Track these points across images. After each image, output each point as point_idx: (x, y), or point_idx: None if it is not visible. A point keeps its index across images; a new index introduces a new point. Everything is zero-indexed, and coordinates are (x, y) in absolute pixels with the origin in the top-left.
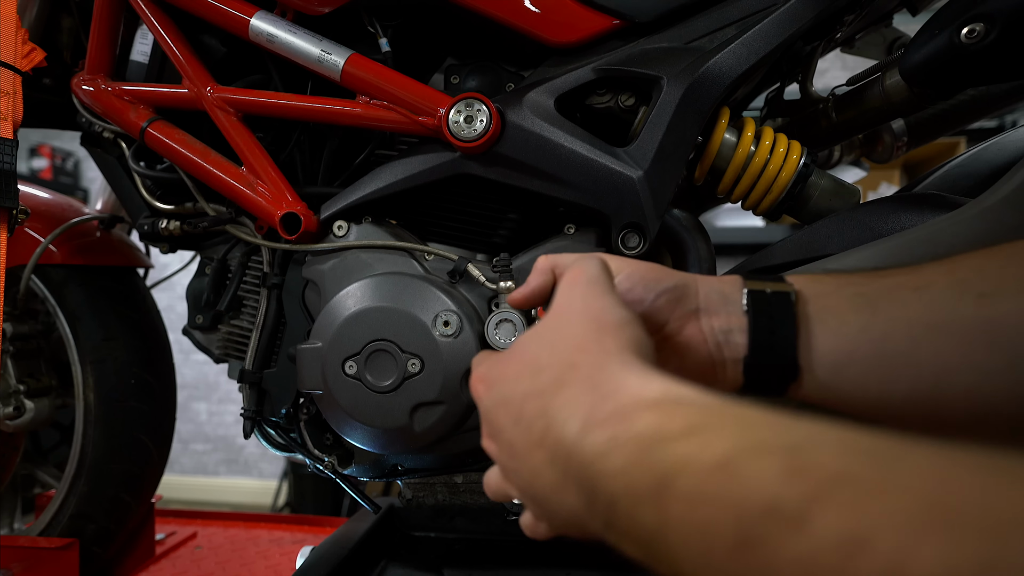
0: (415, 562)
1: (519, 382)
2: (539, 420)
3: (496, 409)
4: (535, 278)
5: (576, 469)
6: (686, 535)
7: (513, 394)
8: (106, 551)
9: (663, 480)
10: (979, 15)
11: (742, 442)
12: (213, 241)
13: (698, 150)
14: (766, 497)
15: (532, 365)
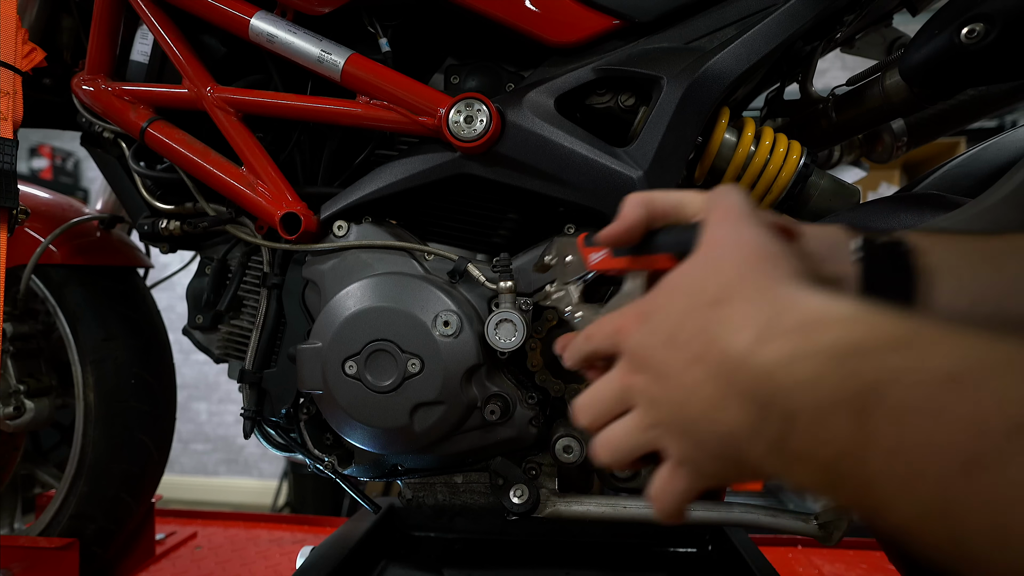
0: (415, 562)
1: (673, 305)
2: (699, 336)
3: (646, 339)
4: (631, 211)
5: (745, 382)
6: (893, 450)
7: (667, 318)
8: (106, 551)
9: (867, 392)
10: (979, 15)
11: (970, 358)
12: (213, 241)
13: (698, 150)
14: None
15: (689, 289)
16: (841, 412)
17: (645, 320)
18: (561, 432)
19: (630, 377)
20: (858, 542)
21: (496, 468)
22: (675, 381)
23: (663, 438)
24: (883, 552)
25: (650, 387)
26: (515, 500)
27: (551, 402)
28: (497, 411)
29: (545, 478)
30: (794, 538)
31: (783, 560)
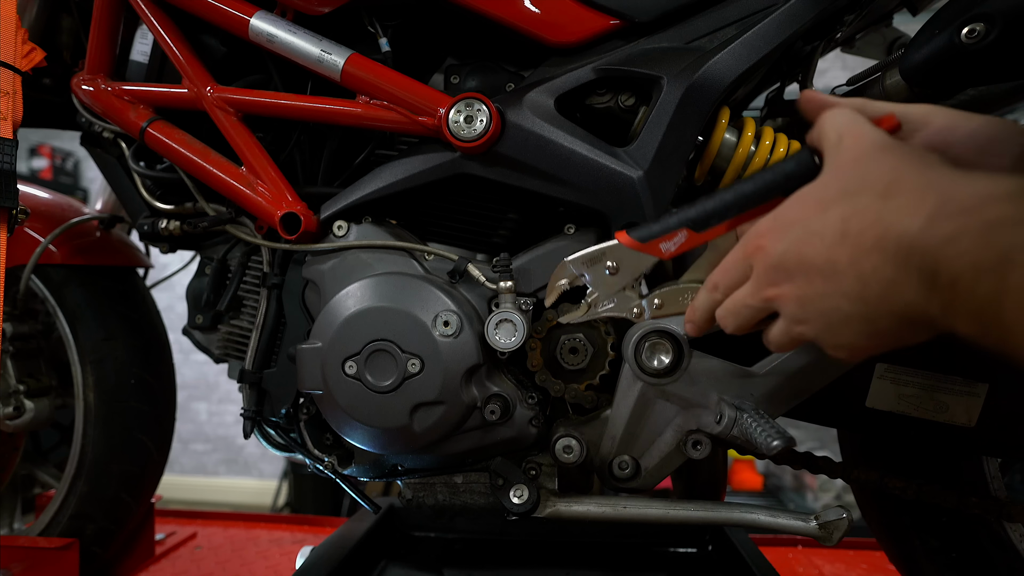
0: (415, 562)
1: (829, 211)
2: (871, 228)
3: (803, 243)
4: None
5: (919, 258)
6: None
7: (826, 222)
8: (106, 551)
9: (1007, 254)
10: (979, 15)
11: None
12: (213, 241)
13: (698, 150)
14: None
15: (841, 195)
16: (988, 273)
17: (786, 231)
18: (561, 432)
19: (774, 289)
20: (858, 542)
21: (496, 468)
22: (850, 272)
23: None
24: (883, 552)
25: (806, 288)
26: (515, 500)
27: (551, 402)
28: (497, 411)
29: (545, 478)
30: (794, 538)
31: (783, 560)
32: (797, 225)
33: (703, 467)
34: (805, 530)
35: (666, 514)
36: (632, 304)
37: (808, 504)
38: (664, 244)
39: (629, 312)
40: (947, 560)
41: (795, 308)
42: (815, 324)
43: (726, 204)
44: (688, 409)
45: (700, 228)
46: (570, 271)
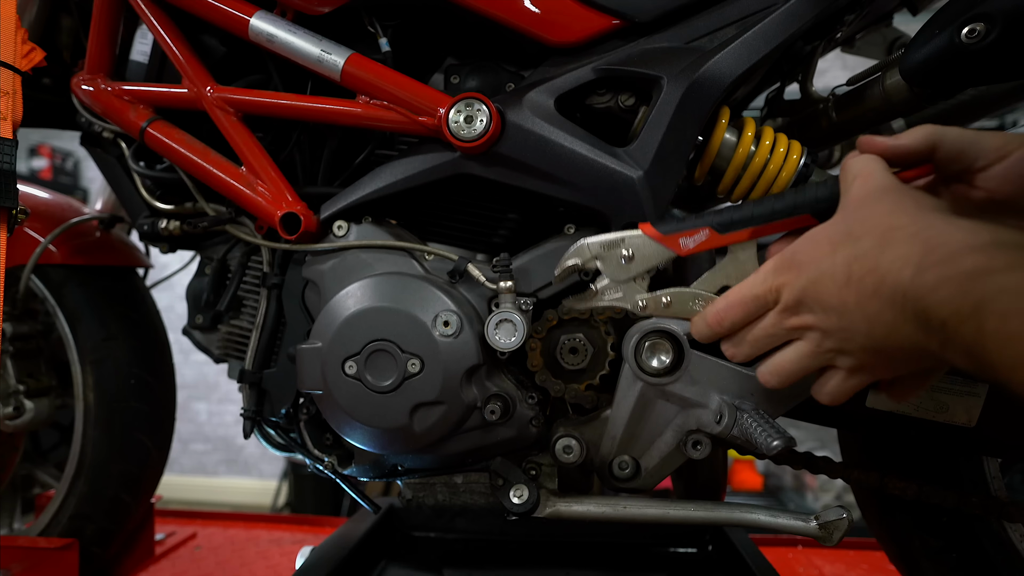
0: (415, 562)
1: (837, 253)
2: (870, 275)
3: (817, 283)
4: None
5: (912, 304)
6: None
7: (835, 264)
8: (106, 551)
9: (982, 302)
10: (979, 15)
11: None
12: (213, 241)
13: (698, 150)
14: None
15: (846, 237)
16: (968, 319)
17: (804, 269)
18: (561, 432)
19: (798, 319)
20: (858, 542)
21: (496, 468)
22: (858, 313)
23: (838, 357)
24: (883, 552)
25: (827, 322)
26: (515, 500)
27: (551, 402)
28: (497, 411)
29: (545, 478)
30: (794, 538)
31: (783, 560)
32: (812, 264)
33: (703, 467)
34: (805, 530)
35: (666, 514)
36: (638, 297)
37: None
38: (684, 240)
39: (634, 305)
40: (947, 560)
41: (819, 338)
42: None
43: (752, 213)
44: (688, 409)
45: (723, 231)
46: (586, 252)
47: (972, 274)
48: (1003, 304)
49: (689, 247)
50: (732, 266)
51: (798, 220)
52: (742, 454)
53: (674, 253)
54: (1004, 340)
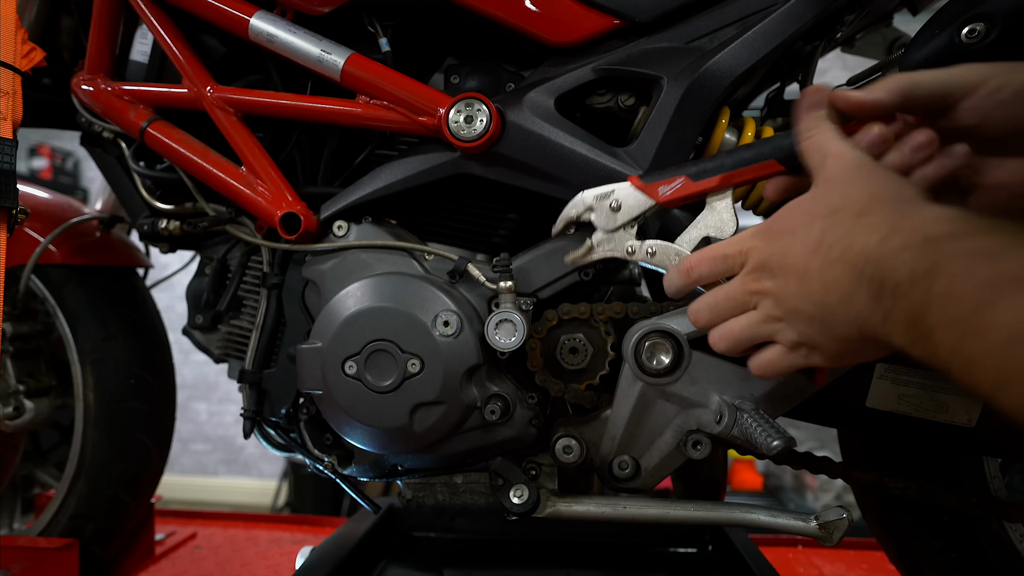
0: (415, 562)
1: (814, 223)
2: (840, 242)
3: (787, 248)
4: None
5: (871, 270)
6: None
7: (810, 231)
8: (106, 551)
9: (935, 263)
10: (979, 15)
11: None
12: (213, 241)
13: (698, 150)
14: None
15: (825, 208)
16: (921, 278)
17: (778, 237)
18: (561, 432)
19: (757, 284)
20: (858, 542)
21: (496, 468)
22: (817, 279)
23: (784, 330)
24: (883, 552)
25: (783, 288)
26: (515, 500)
27: (551, 402)
28: (497, 411)
29: (545, 478)
30: (794, 538)
31: (783, 560)
32: (787, 233)
33: (703, 467)
34: (805, 530)
35: (666, 514)
36: (627, 243)
37: (808, 504)
38: (663, 188)
39: (623, 250)
40: (947, 560)
41: (771, 305)
42: (783, 325)
43: (721, 161)
44: (688, 409)
45: (696, 178)
46: (582, 204)
47: (934, 238)
48: (954, 266)
49: (667, 194)
50: (710, 216)
51: (765, 166)
52: (742, 454)
53: (654, 201)
54: (947, 299)
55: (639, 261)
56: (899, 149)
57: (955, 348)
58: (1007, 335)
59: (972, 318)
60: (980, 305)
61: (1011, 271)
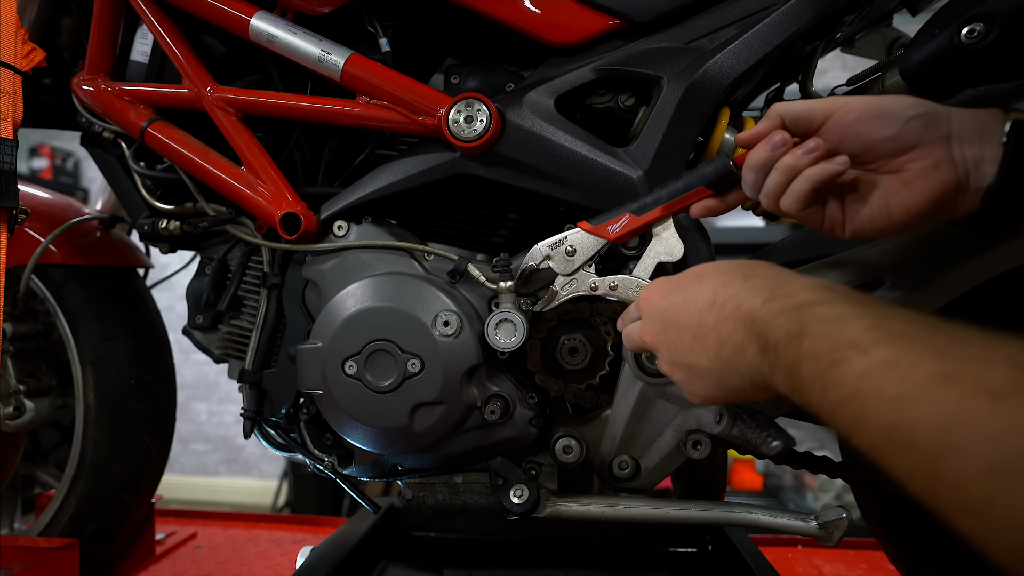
0: (415, 562)
1: (704, 279)
2: (731, 300)
3: (679, 306)
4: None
5: (758, 327)
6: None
7: (701, 290)
8: (106, 551)
9: (802, 326)
10: (979, 15)
11: (848, 308)
12: (213, 241)
13: (698, 150)
14: (852, 336)
15: (714, 270)
16: (793, 340)
17: (669, 292)
18: (561, 432)
19: (650, 337)
20: (858, 542)
21: (496, 468)
22: (712, 333)
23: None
24: (883, 552)
25: (676, 341)
26: (515, 500)
27: (551, 402)
28: (497, 411)
29: (545, 478)
30: (794, 538)
31: (783, 560)
32: (679, 290)
33: (703, 467)
34: (805, 530)
35: (666, 514)
36: (589, 281)
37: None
38: (611, 226)
39: (588, 287)
40: (947, 560)
41: (667, 355)
42: (680, 372)
43: (658, 195)
44: (688, 409)
45: (639, 212)
46: (538, 254)
47: (802, 305)
48: (815, 329)
49: (616, 231)
50: (659, 244)
51: (697, 193)
52: (742, 454)
53: (605, 239)
54: (811, 357)
55: (603, 295)
56: (792, 152)
57: (820, 398)
58: (849, 388)
59: (827, 373)
60: (832, 363)
61: (850, 335)
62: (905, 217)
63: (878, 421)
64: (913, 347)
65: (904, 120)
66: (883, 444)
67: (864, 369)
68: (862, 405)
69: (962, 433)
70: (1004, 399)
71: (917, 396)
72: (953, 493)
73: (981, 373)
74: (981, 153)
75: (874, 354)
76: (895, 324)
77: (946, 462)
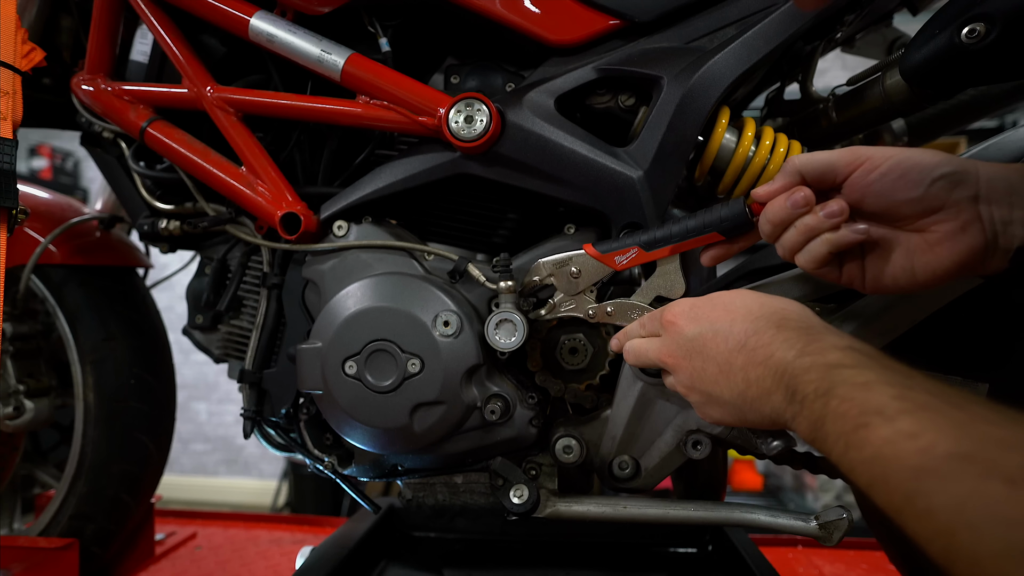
0: (415, 562)
1: (735, 319)
2: (764, 348)
3: (708, 338)
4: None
5: (788, 379)
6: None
7: (732, 330)
8: (106, 551)
9: (831, 386)
10: (979, 15)
11: (876, 375)
12: (213, 241)
13: (698, 150)
14: (878, 403)
15: (746, 312)
16: (821, 397)
17: (698, 319)
18: (561, 432)
19: (672, 359)
20: (858, 542)
21: (496, 468)
22: (740, 374)
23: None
24: (883, 552)
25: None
26: (515, 500)
27: (551, 402)
28: (497, 411)
29: (545, 478)
30: (794, 538)
31: (783, 560)
32: (708, 322)
33: (703, 467)
34: (805, 530)
35: (666, 514)
36: (588, 306)
37: (808, 504)
38: (618, 257)
39: (585, 313)
40: None
41: (686, 379)
42: (698, 395)
43: (671, 233)
44: (688, 409)
45: (648, 248)
46: (542, 270)
47: (832, 365)
48: (843, 391)
49: (623, 263)
50: (661, 279)
51: (709, 237)
52: (742, 454)
53: (611, 269)
54: (837, 416)
55: (598, 322)
56: (815, 212)
57: (842, 454)
58: (872, 452)
59: (852, 434)
60: (857, 426)
61: (876, 402)
62: (930, 278)
63: (898, 487)
64: (936, 421)
65: (931, 180)
66: (902, 507)
67: (888, 437)
68: (884, 469)
69: (977, 513)
70: (1019, 484)
71: (936, 470)
72: (967, 567)
73: (999, 456)
74: (1010, 215)
75: (898, 424)
76: (920, 395)
77: (961, 536)
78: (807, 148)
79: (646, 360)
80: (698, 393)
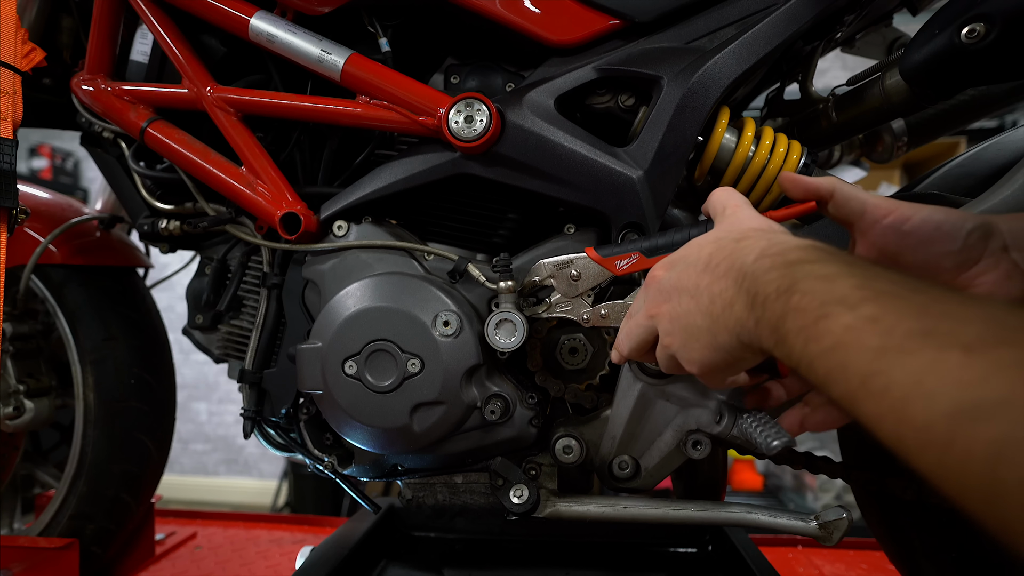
0: (415, 562)
1: (703, 247)
2: (725, 261)
3: (680, 274)
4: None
5: (748, 282)
6: (794, 315)
7: (700, 255)
8: (106, 551)
9: (793, 282)
10: (979, 15)
11: (839, 268)
12: (213, 241)
13: (698, 150)
14: (841, 293)
15: (715, 236)
16: (782, 295)
17: (673, 264)
18: (561, 432)
19: (655, 308)
20: (858, 542)
21: (496, 468)
22: (706, 292)
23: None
24: (883, 552)
25: (677, 306)
26: (515, 500)
27: (551, 402)
28: (497, 411)
29: (545, 478)
30: (794, 538)
31: (783, 560)
32: (681, 260)
33: (703, 467)
34: (805, 530)
35: (666, 514)
36: (583, 310)
37: (808, 504)
38: (619, 262)
39: (580, 316)
40: (947, 560)
41: (667, 323)
42: (677, 337)
43: (673, 240)
44: (688, 409)
45: (650, 254)
46: (542, 271)
47: (793, 262)
48: (804, 285)
49: (623, 268)
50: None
51: None
52: (742, 454)
53: (612, 273)
54: (798, 311)
55: (593, 325)
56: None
57: (802, 350)
58: (833, 340)
59: (812, 327)
60: (819, 317)
61: (839, 292)
62: None
63: (856, 371)
64: (897, 305)
65: (966, 233)
66: (856, 391)
67: (849, 323)
68: (843, 356)
69: (934, 380)
70: (976, 351)
71: (896, 347)
72: (917, 434)
73: (957, 328)
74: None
75: (861, 310)
76: (881, 284)
77: (915, 405)
78: (807, 148)
79: (637, 331)
80: (677, 336)
